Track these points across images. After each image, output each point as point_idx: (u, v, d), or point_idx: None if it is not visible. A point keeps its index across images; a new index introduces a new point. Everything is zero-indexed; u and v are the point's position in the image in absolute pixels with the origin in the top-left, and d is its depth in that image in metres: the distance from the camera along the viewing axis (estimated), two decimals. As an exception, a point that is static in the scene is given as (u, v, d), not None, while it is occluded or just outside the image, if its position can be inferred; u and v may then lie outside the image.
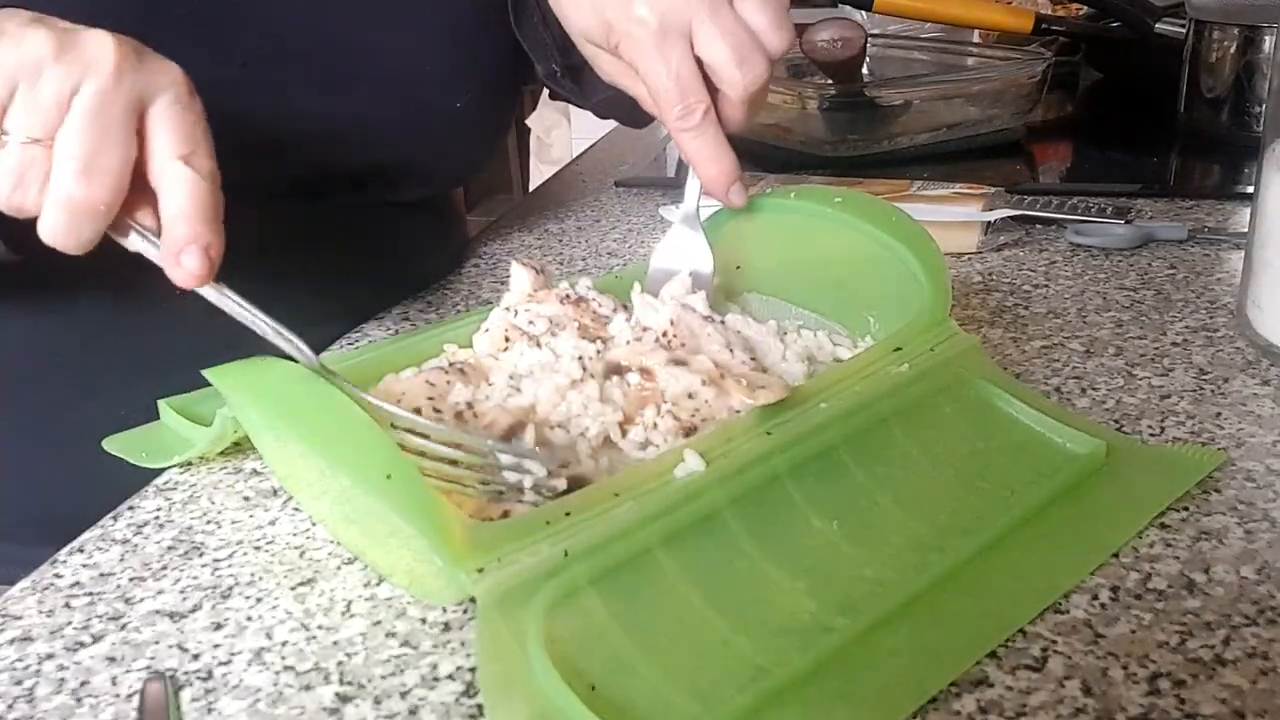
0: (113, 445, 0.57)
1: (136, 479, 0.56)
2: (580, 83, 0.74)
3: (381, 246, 0.81)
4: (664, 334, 0.54)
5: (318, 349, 0.63)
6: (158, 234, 0.48)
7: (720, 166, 0.59)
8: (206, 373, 0.49)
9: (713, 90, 0.58)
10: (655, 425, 0.49)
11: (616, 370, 0.52)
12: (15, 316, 0.69)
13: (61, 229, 0.47)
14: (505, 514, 0.46)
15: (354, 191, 0.76)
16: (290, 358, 0.48)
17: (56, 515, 0.57)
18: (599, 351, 0.53)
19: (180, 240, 0.47)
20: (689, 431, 0.49)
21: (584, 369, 0.52)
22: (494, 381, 0.53)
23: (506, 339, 0.55)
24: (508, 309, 0.57)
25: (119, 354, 0.70)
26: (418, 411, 0.50)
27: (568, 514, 0.42)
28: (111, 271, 0.51)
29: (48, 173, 0.46)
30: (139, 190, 0.48)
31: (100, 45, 0.46)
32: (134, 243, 0.48)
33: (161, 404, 0.57)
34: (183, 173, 0.47)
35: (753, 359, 0.54)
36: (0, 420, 0.72)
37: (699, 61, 0.57)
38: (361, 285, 0.78)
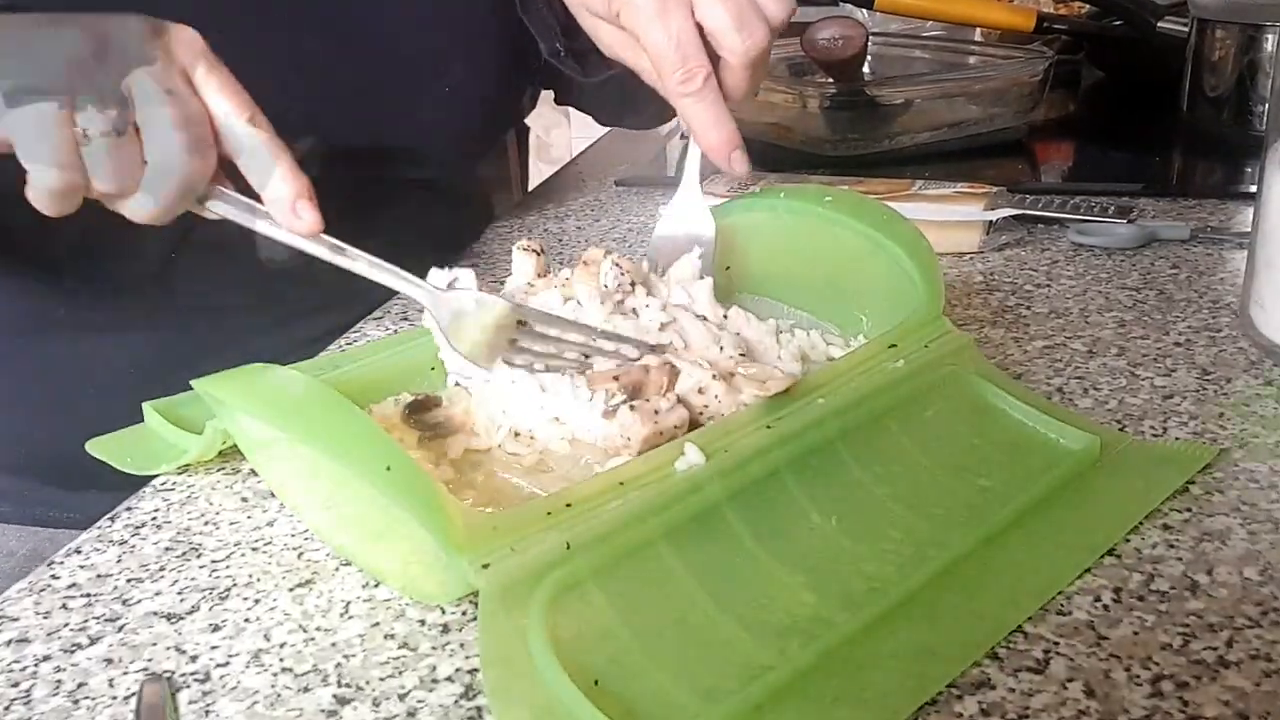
0: (96, 449, 0.55)
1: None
2: (584, 64, 0.74)
3: (390, 223, 0.81)
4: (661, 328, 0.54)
5: (332, 331, 0.73)
6: (241, 192, 0.51)
7: (721, 133, 0.59)
8: (196, 384, 0.48)
9: (714, 59, 0.58)
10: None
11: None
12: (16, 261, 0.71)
13: (164, 209, 0.50)
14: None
15: (349, 167, 0.76)
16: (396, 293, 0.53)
17: (52, 454, 0.64)
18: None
19: (289, 197, 0.50)
20: (693, 425, 0.49)
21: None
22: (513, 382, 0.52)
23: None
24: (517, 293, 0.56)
25: (118, 296, 0.72)
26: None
27: (568, 505, 0.42)
28: (116, 222, 0.53)
29: (134, 157, 0.48)
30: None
31: (130, 32, 0.48)
32: (217, 208, 0.51)
33: (146, 407, 0.56)
34: (260, 137, 0.50)
35: (743, 355, 0.54)
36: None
37: (700, 29, 0.57)
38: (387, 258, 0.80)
